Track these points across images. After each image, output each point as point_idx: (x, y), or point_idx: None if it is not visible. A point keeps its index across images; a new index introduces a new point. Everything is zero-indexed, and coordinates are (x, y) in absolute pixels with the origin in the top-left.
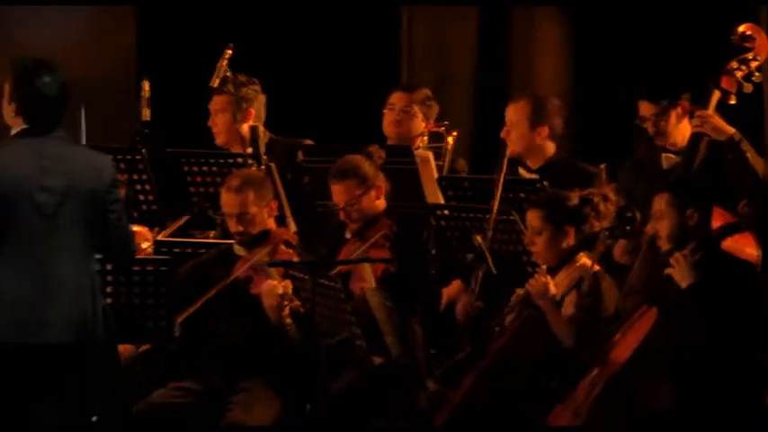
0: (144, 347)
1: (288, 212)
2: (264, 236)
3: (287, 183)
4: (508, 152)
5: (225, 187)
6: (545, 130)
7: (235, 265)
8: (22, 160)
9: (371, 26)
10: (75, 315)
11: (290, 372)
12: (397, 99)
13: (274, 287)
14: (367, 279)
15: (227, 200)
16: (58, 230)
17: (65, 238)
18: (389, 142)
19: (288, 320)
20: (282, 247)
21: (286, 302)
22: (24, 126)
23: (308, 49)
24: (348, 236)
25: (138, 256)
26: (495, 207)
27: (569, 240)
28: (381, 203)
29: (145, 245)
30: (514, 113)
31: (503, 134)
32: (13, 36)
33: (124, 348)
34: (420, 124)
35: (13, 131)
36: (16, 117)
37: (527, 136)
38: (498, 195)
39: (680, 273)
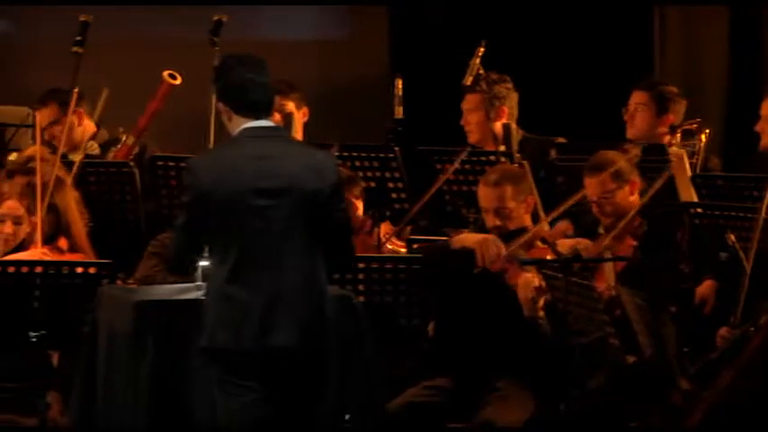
0: None
1: (541, 211)
2: (521, 232)
3: (539, 181)
4: (761, 146)
5: (483, 181)
6: None
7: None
8: (241, 165)
9: (624, 24)
10: (304, 318)
11: (543, 371)
12: (634, 97)
13: (530, 279)
14: (607, 276)
15: (485, 194)
16: (281, 233)
17: (288, 240)
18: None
19: (541, 314)
20: (539, 243)
21: (541, 295)
22: (244, 126)
23: (561, 46)
24: (601, 231)
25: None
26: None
27: None
28: (635, 200)
29: (390, 246)
30: None
31: (757, 128)
32: (267, 34)
33: None
34: (652, 121)
35: (235, 134)
36: (232, 118)
37: None
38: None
39: None
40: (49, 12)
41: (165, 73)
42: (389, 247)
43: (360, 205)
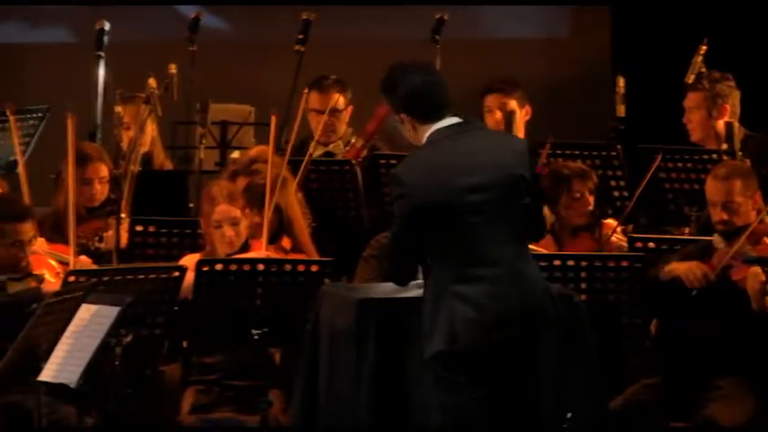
0: None
1: (763, 208)
2: (747, 229)
3: (762, 179)
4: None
5: (712, 175)
6: None
7: (712, 258)
8: (447, 166)
9: None
10: (530, 307)
11: (764, 370)
12: None
13: (758, 273)
14: None
15: (714, 187)
16: (496, 224)
17: (502, 230)
18: None
19: None
20: (766, 239)
21: None
22: (433, 129)
23: None
24: None
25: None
26: None
27: None
28: None
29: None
30: None
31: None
32: (490, 33)
33: None
34: None
35: (426, 139)
36: (417, 127)
37: None
38: None
39: None
40: (268, 10)
41: None
42: (616, 242)
43: (592, 200)
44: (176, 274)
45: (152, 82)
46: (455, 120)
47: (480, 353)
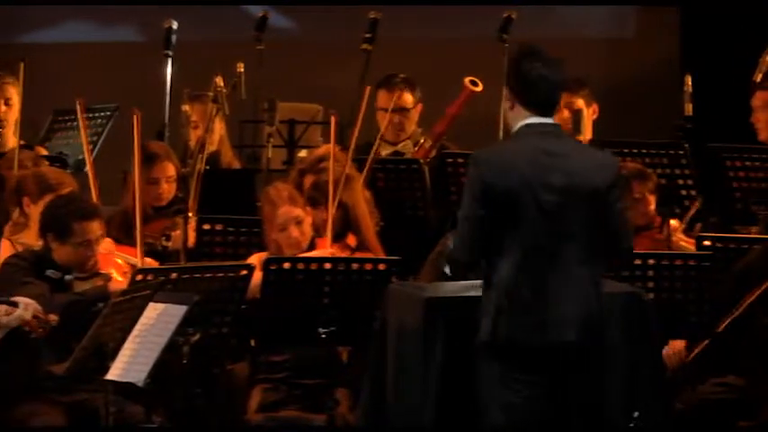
0: None
1: None
2: None
3: None
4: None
5: None
6: None
7: None
8: (528, 157)
9: None
10: (581, 314)
11: None
12: None
13: None
14: None
15: None
16: (561, 229)
17: (567, 237)
18: None
19: None
20: None
21: None
22: (527, 122)
23: None
24: None
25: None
26: None
27: None
28: None
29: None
30: None
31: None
32: (557, 32)
33: None
34: None
35: (517, 126)
36: (515, 108)
37: None
38: None
39: None
40: (335, 9)
41: (467, 79)
42: (681, 243)
43: (652, 200)
44: (244, 272)
45: (219, 81)
46: (549, 120)
47: (523, 351)
